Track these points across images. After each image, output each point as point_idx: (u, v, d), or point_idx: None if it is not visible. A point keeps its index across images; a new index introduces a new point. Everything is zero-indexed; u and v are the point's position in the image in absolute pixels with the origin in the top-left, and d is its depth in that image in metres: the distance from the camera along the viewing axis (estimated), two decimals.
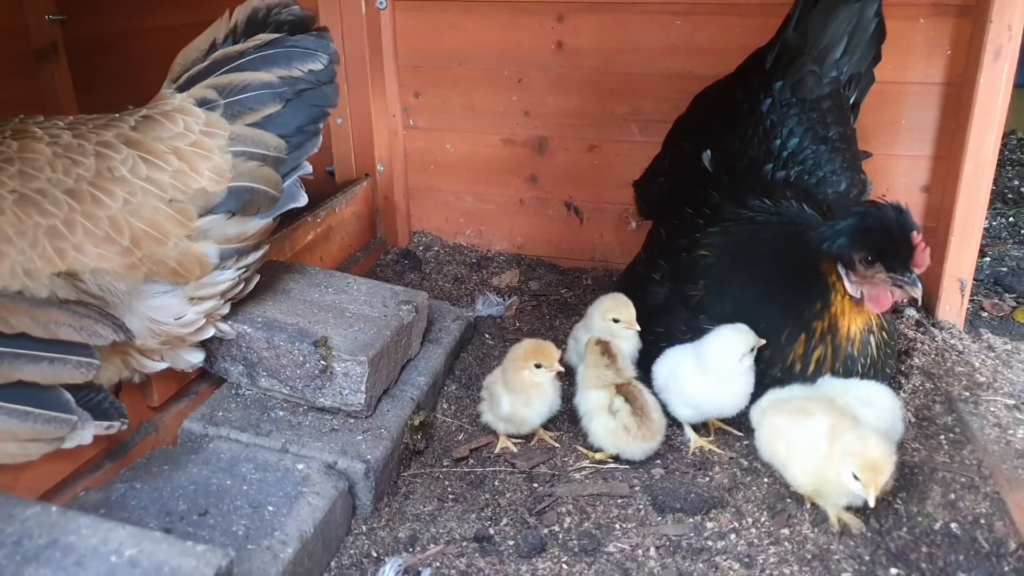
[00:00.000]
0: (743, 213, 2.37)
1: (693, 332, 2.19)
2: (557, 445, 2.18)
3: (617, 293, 2.37)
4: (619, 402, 2.04)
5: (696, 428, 2.19)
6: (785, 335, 2.10)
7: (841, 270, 2.03)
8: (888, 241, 1.93)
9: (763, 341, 2.07)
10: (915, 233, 1.91)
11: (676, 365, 2.15)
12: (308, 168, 1.93)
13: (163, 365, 1.83)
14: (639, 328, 2.28)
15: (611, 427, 2.04)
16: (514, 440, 2.19)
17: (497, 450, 2.16)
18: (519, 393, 2.11)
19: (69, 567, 1.22)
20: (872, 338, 2.09)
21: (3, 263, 1.54)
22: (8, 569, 1.21)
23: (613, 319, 2.29)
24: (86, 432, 1.56)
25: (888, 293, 1.99)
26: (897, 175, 2.93)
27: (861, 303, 2.04)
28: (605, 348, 2.10)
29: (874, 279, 1.99)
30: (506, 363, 2.15)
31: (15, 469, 1.57)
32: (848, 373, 2.07)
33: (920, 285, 1.94)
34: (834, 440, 1.77)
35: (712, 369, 2.06)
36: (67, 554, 1.24)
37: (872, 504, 1.68)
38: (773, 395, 2.04)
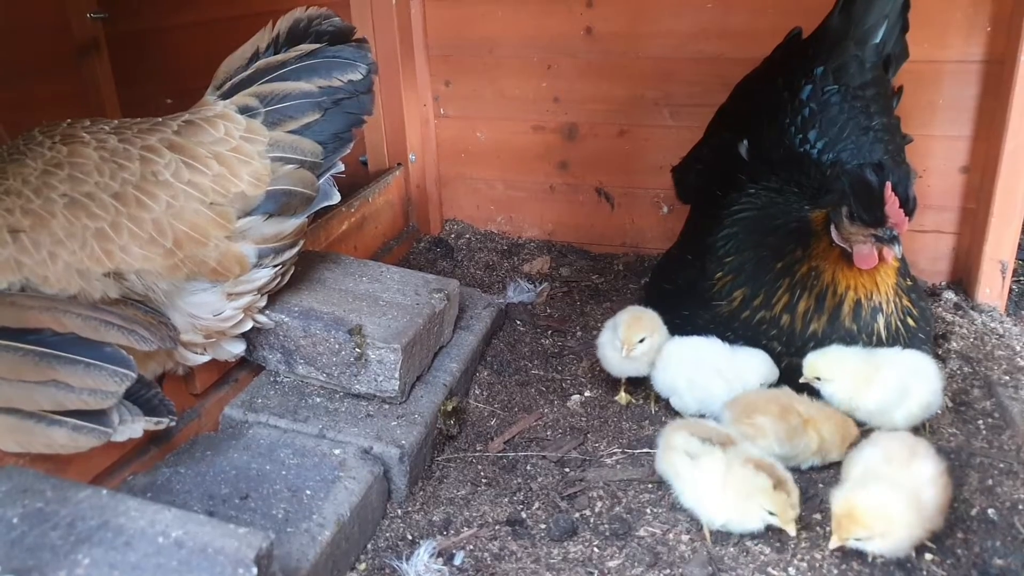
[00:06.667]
0: (761, 192, 2.36)
1: (708, 310, 2.22)
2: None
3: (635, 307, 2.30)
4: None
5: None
6: (770, 277, 2.14)
7: (832, 229, 2.06)
8: (864, 194, 1.94)
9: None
10: (887, 185, 1.90)
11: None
12: (341, 167, 1.97)
13: (205, 358, 1.89)
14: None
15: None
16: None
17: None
18: None
19: (119, 547, 1.28)
20: (880, 317, 2.07)
21: (57, 264, 1.60)
22: (63, 549, 1.27)
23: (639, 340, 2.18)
24: (136, 427, 1.62)
25: (873, 251, 2.01)
26: (935, 156, 2.85)
27: (851, 260, 2.05)
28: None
29: (858, 236, 2.01)
30: None
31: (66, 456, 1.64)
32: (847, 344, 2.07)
33: (899, 243, 1.95)
34: None
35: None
36: (117, 535, 1.30)
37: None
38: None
